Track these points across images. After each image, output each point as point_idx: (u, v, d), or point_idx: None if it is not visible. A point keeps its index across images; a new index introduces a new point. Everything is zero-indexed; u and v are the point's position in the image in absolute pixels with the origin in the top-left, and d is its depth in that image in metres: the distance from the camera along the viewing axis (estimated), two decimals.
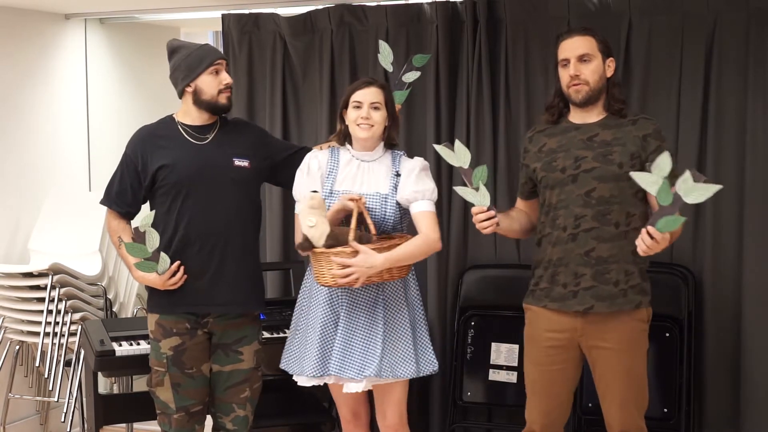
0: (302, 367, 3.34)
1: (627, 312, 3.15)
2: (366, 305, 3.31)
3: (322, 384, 3.35)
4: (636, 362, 3.20)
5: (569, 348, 3.21)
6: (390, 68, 3.74)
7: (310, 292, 3.41)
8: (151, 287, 3.41)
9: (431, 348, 3.43)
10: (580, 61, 3.16)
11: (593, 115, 3.23)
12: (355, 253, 3.15)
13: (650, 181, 2.85)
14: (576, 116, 3.26)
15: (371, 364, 3.25)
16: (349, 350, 3.28)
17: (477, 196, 3.13)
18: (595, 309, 3.14)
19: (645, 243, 2.89)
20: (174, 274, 3.30)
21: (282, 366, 3.46)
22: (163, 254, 3.29)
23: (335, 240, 3.19)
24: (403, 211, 3.38)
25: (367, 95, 3.32)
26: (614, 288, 3.13)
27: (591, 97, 3.18)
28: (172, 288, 3.31)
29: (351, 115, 3.34)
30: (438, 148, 3.15)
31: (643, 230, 2.90)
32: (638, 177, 2.88)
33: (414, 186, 3.34)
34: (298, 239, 3.36)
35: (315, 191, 3.25)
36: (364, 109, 3.31)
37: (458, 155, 3.12)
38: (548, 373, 3.25)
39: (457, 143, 3.12)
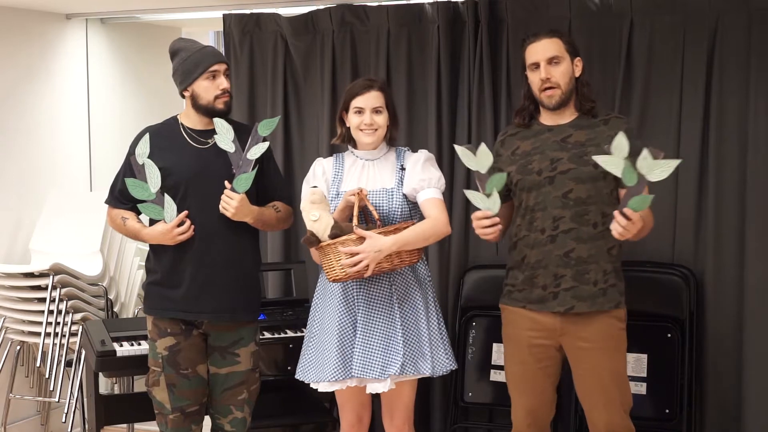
0: (322, 373, 3.28)
1: (605, 312, 3.17)
2: (382, 303, 3.30)
3: (344, 388, 3.31)
4: (617, 361, 3.21)
5: (550, 346, 3.23)
6: (231, 148, 3.25)
7: (324, 297, 3.38)
8: (147, 289, 3.40)
9: (448, 345, 3.41)
10: (550, 63, 3.18)
11: (565, 116, 3.25)
12: (362, 239, 3.13)
13: (613, 163, 2.90)
14: (547, 118, 3.27)
15: (394, 363, 3.24)
16: (370, 350, 3.26)
17: (486, 202, 3.11)
18: (576, 309, 3.16)
19: (620, 224, 2.93)
20: (181, 224, 3.26)
21: (298, 376, 3.40)
22: (167, 197, 3.26)
23: (340, 231, 3.17)
24: (412, 206, 3.37)
25: (369, 100, 3.30)
26: (593, 288, 3.15)
27: (563, 100, 3.20)
28: (182, 240, 3.26)
29: (353, 121, 3.32)
30: (458, 149, 3.12)
31: (616, 212, 2.94)
32: (601, 160, 2.93)
33: (420, 175, 3.33)
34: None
35: (315, 186, 3.23)
36: (367, 115, 3.30)
37: (480, 159, 3.09)
38: (532, 372, 3.26)
39: (483, 147, 3.09)
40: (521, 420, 3.32)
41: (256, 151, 3.27)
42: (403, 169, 3.36)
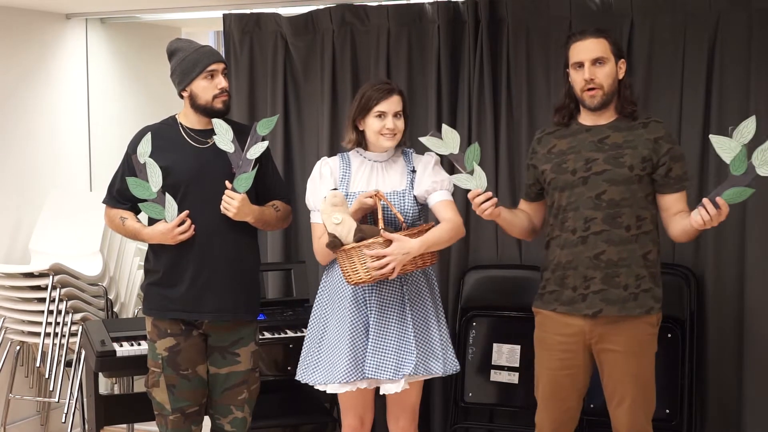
0: (332, 374, 3.27)
1: (636, 317, 3.13)
2: (394, 304, 3.29)
3: (354, 389, 3.29)
4: (644, 366, 3.18)
5: (580, 352, 3.19)
6: (231, 148, 3.24)
7: (331, 299, 3.37)
8: (146, 290, 3.40)
9: (452, 347, 3.42)
10: (595, 64, 3.13)
11: (605, 117, 3.20)
12: (388, 242, 3.12)
13: (727, 147, 2.79)
14: (587, 118, 3.22)
15: (408, 363, 3.23)
16: (384, 351, 3.25)
17: (473, 180, 3.09)
18: (604, 312, 3.12)
19: (708, 212, 2.86)
20: (182, 224, 3.25)
21: (300, 378, 3.39)
22: (168, 196, 3.25)
23: (364, 234, 3.14)
24: (421, 207, 3.37)
25: (391, 105, 3.28)
26: (624, 292, 3.11)
27: (605, 101, 3.15)
28: (183, 239, 3.26)
29: (373, 125, 3.29)
30: (424, 140, 3.11)
31: (705, 200, 2.87)
32: (716, 141, 2.86)
33: (432, 177, 3.33)
34: (317, 246, 3.36)
35: (335, 189, 3.21)
36: (389, 120, 3.28)
37: (446, 141, 3.07)
38: (558, 378, 3.23)
39: (445, 128, 3.07)
40: (546, 425, 3.28)
41: (255, 151, 3.26)
42: (413, 171, 3.36)
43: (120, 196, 3.40)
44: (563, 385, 3.23)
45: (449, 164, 4.15)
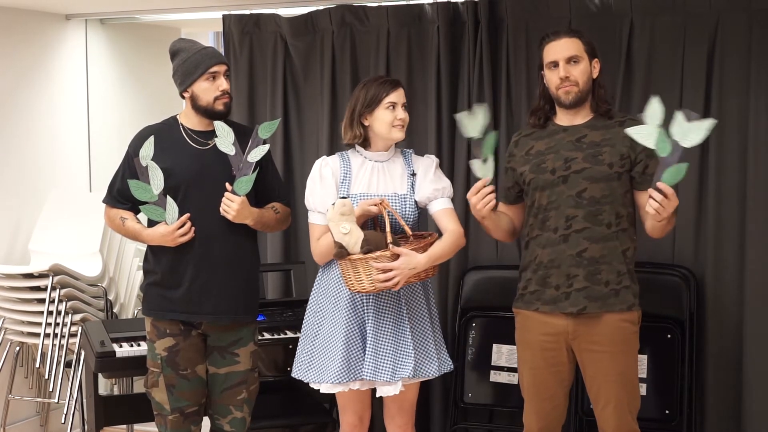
0: (325, 374, 3.28)
1: (618, 313, 3.15)
2: (391, 307, 3.29)
3: (347, 390, 3.30)
4: (628, 364, 3.20)
5: (563, 350, 3.21)
6: (232, 151, 3.25)
7: (327, 298, 3.37)
8: (145, 290, 3.40)
9: (445, 347, 3.43)
10: (569, 62, 3.16)
11: (580, 117, 3.23)
12: (395, 256, 3.13)
13: (645, 133, 2.88)
14: (563, 118, 3.26)
15: (406, 366, 3.24)
16: (381, 353, 3.25)
17: (483, 169, 3.13)
18: (588, 310, 3.14)
19: (656, 200, 2.89)
20: (182, 226, 3.26)
21: (296, 375, 3.40)
22: (170, 199, 3.26)
23: (371, 245, 3.15)
24: (420, 211, 3.38)
25: (399, 96, 3.31)
26: (605, 288, 3.13)
27: (580, 98, 3.19)
28: (183, 241, 3.27)
29: (385, 117, 3.29)
30: (458, 116, 3.13)
31: (650, 190, 2.90)
32: (633, 132, 2.92)
33: (433, 184, 3.34)
34: (314, 247, 3.36)
35: (344, 197, 3.22)
36: (400, 110, 3.30)
37: (476, 120, 3.10)
38: (542, 376, 3.24)
39: (478, 106, 3.09)
40: (533, 424, 3.30)
41: (256, 154, 3.26)
42: (413, 174, 3.36)
43: (120, 196, 3.40)
44: (548, 383, 3.24)
45: (448, 168, 4.18)
